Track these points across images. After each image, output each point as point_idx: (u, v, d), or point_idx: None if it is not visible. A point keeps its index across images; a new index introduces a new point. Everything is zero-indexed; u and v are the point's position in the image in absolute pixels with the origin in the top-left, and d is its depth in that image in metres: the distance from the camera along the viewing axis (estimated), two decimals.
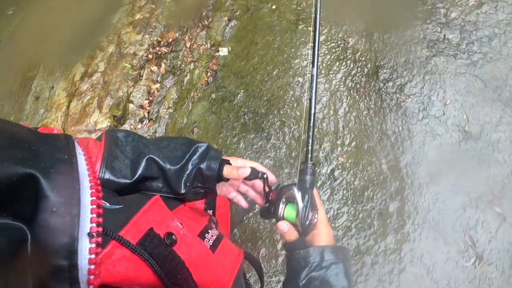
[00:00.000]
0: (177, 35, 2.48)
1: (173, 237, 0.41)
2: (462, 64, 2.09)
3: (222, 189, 0.69)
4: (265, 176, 0.65)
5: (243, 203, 0.71)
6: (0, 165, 0.28)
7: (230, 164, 0.64)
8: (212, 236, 0.52)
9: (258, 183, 0.69)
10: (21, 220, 0.28)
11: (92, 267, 0.31)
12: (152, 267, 0.37)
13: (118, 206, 0.41)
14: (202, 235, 0.51)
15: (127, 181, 0.54)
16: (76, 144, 0.37)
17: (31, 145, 0.32)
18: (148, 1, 2.62)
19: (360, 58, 2.18)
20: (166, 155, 0.59)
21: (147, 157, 0.57)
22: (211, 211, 0.74)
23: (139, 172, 0.55)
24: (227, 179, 0.63)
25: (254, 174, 0.63)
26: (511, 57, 2.09)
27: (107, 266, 0.33)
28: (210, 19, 2.48)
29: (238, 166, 0.63)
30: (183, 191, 0.60)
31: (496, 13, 2.26)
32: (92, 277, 0.31)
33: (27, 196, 0.29)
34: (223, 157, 0.64)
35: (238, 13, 2.46)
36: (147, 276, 0.37)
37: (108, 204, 0.40)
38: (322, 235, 0.60)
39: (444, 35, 2.20)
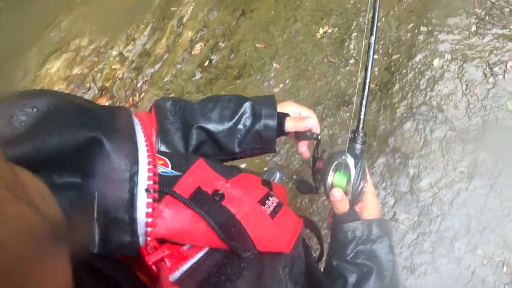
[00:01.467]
0: (107, 104, 2.24)
1: (220, 192, 0.42)
2: None
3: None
4: (319, 137, 0.64)
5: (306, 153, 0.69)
6: (70, 130, 0.33)
7: (289, 115, 0.63)
8: (272, 203, 0.52)
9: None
10: (89, 178, 0.32)
11: (149, 220, 0.34)
12: (206, 220, 0.38)
13: (176, 173, 0.44)
14: (262, 202, 0.51)
15: (183, 152, 0.58)
16: (133, 115, 0.42)
17: (95, 113, 0.37)
18: (93, 52, 2.35)
19: None
20: (214, 118, 0.59)
21: (195, 126, 0.58)
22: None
23: (193, 144, 0.58)
24: (288, 133, 0.63)
25: (309, 134, 0.64)
26: (471, 273, 1.50)
27: (163, 220, 0.35)
28: (142, 95, 2.17)
29: (302, 117, 0.63)
30: (237, 150, 0.61)
31: (486, 196, 1.59)
32: (149, 229, 0.34)
33: (92, 157, 0.33)
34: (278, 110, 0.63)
35: (171, 96, 2.10)
36: (202, 229, 0.38)
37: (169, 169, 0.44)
38: (371, 207, 0.60)
39: (395, 213, 1.63)
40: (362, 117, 0.63)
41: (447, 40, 1.88)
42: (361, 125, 0.63)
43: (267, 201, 0.51)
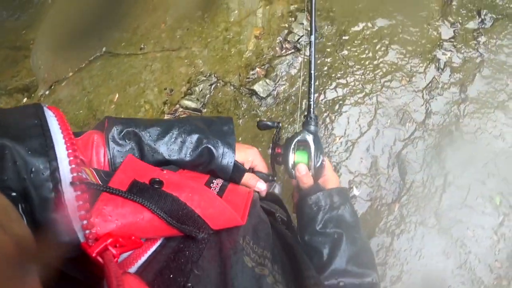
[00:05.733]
0: None
1: (158, 180, 0.41)
2: None
3: None
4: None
5: (262, 187, 0.64)
6: None
7: (245, 173, 0.62)
8: (217, 184, 0.53)
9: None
10: (10, 190, 0.30)
11: (83, 213, 0.32)
12: (149, 208, 0.36)
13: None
14: (207, 185, 0.52)
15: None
16: (45, 108, 0.38)
17: None
18: None
19: None
20: (172, 153, 0.57)
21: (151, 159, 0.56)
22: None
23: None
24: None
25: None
26: None
27: (103, 217, 0.34)
28: None
29: (256, 177, 0.63)
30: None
31: None
32: (85, 222, 0.32)
33: (6, 165, 0.31)
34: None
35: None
36: (147, 219, 0.37)
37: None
38: (331, 180, 0.64)
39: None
40: (311, 102, 0.69)
41: None
42: (312, 108, 0.68)
43: (211, 184, 0.53)
